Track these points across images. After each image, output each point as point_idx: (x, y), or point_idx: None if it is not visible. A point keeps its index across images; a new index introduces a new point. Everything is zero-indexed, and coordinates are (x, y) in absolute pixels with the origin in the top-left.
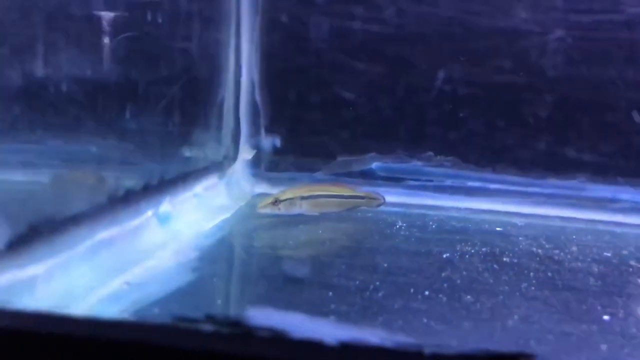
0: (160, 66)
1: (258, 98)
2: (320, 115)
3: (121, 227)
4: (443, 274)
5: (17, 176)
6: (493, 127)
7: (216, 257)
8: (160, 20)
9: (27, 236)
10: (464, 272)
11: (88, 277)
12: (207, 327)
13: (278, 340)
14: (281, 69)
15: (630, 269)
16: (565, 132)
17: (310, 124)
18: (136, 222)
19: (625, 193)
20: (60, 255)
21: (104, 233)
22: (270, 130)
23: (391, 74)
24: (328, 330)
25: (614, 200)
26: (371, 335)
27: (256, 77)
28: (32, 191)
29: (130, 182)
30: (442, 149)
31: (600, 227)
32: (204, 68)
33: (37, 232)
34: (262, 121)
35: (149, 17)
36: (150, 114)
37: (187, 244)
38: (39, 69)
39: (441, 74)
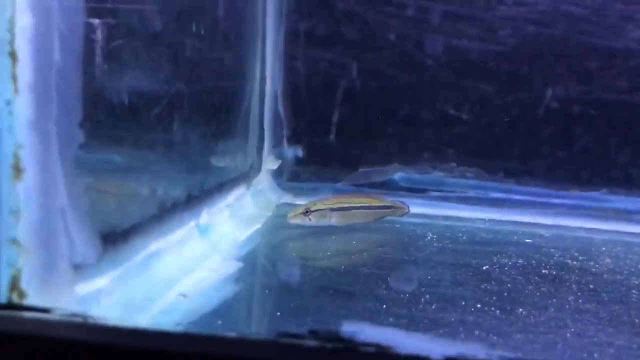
0: (196, 77)
1: (281, 109)
2: (342, 126)
3: (168, 238)
4: (487, 287)
5: None
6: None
7: (257, 267)
8: (199, 32)
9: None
10: (509, 285)
11: (145, 288)
12: (311, 343)
13: (384, 355)
14: (304, 81)
15: None
16: None
17: (332, 135)
18: (181, 233)
19: None
20: (119, 268)
21: (154, 245)
22: (292, 140)
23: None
24: (432, 346)
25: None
26: (476, 350)
27: (279, 89)
28: None
29: (174, 192)
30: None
31: (627, 238)
32: (233, 79)
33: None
34: (285, 132)
35: (187, 29)
36: (187, 124)
37: (228, 254)
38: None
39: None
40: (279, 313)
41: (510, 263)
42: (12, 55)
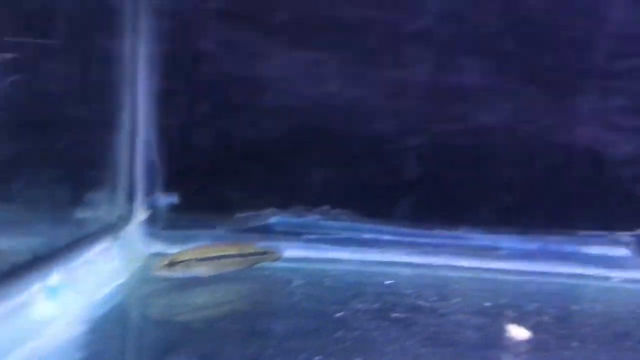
0: (52, 124)
1: (155, 157)
2: (218, 172)
3: (6, 304)
4: (336, 335)
5: None
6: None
7: (108, 329)
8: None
9: None
10: (356, 332)
11: None
12: None
13: None
14: (180, 128)
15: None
16: None
17: (208, 181)
18: (22, 297)
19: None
20: None
21: None
22: (167, 188)
23: None
24: None
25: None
26: None
27: (153, 138)
28: None
29: (20, 249)
30: None
31: (483, 275)
32: (98, 129)
33: None
34: (159, 179)
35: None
36: (41, 173)
37: (78, 316)
38: None
39: None
40: None
41: (365, 308)
42: None
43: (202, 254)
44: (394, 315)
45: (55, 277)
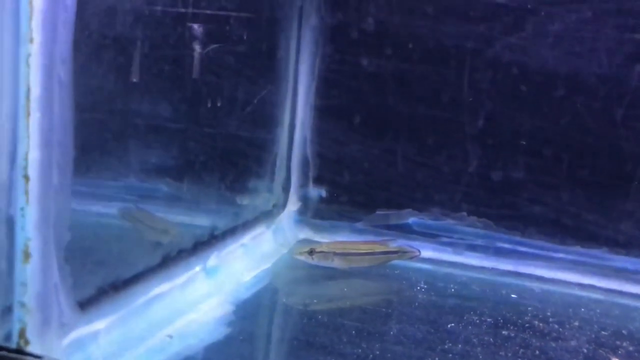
0: (231, 119)
1: (309, 152)
2: (365, 171)
3: (172, 282)
4: (442, 347)
5: (98, 208)
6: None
7: (251, 310)
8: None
9: (95, 296)
10: (459, 346)
11: (140, 329)
12: None
13: None
14: (332, 128)
15: (622, 353)
16: None
17: (355, 178)
18: (185, 276)
19: None
20: (120, 311)
21: (157, 289)
22: (317, 181)
23: None
24: None
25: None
26: None
27: (308, 134)
28: (107, 226)
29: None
30: None
31: (617, 299)
32: (265, 124)
33: (103, 292)
34: (311, 173)
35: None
36: (218, 163)
37: (228, 296)
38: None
39: None
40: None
41: (478, 321)
42: (26, 178)
43: (340, 248)
44: (504, 332)
45: (213, 259)
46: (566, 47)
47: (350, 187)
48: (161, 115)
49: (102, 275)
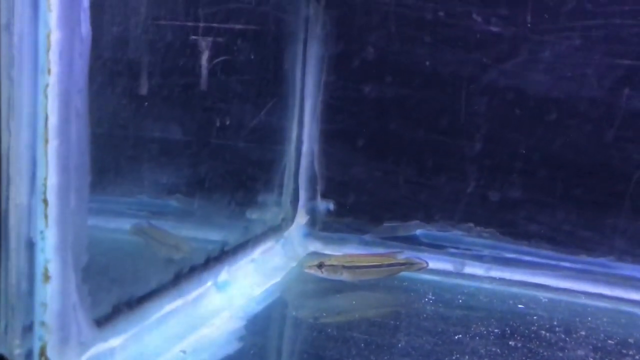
0: (239, 135)
1: (316, 167)
2: (369, 191)
3: (184, 298)
4: (447, 359)
5: (112, 225)
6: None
7: (261, 324)
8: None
9: (111, 314)
10: (467, 357)
11: (154, 345)
12: None
13: None
14: (340, 142)
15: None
16: None
17: (361, 191)
18: (197, 292)
19: None
20: (134, 328)
21: (170, 305)
22: (325, 195)
23: None
24: None
25: None
26: None
27: (316, 148)
28: (121, 243)
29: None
30: None
31: (624, 307)
32: (273, 139)
33: (118, 309)
34: (319, 187)
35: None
36: (227, 178)
37: (238, 311)
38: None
39: None
40: None
41: (485, 332)
42: (45, 202)
43: (349, 261)
44: (511, 342)
45: (224, 274)
46: (558, 73)
47: (355, 207)
48: (172, 134)
49: (117, 293)
